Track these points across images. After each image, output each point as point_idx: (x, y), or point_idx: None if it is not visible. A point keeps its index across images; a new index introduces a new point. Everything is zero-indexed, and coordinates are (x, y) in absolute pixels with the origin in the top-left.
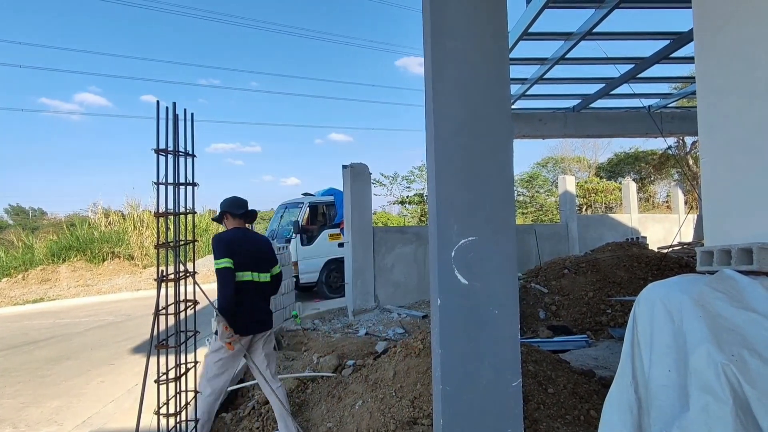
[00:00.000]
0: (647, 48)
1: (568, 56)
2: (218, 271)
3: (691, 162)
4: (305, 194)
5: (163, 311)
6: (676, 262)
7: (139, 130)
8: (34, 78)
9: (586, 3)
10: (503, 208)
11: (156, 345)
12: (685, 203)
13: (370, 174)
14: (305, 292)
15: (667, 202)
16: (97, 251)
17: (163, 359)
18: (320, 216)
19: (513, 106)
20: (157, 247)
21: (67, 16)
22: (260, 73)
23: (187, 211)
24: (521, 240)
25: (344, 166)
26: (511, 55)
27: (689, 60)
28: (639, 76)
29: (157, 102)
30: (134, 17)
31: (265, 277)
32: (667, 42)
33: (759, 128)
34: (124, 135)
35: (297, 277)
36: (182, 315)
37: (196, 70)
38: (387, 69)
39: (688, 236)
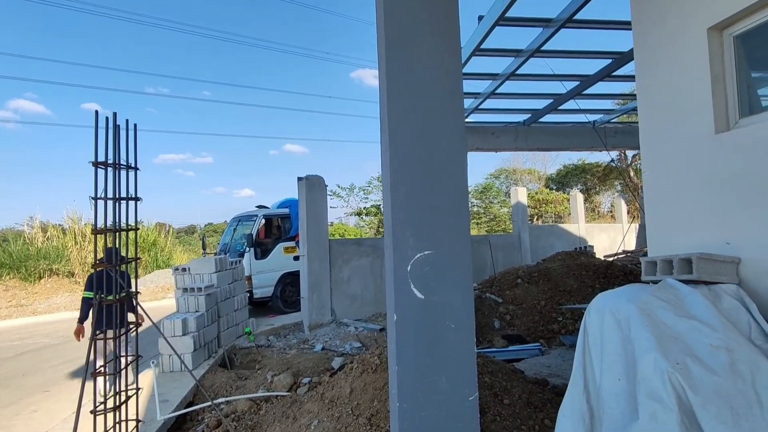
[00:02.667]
0: (591, 66)
1: (518, 72)
2: None
3: (632, 174)
4: (259, 206)
5: (101, 335)
6: (621, 270)
7: (81, 139)
8: None
9: (535, 22)
10: (459, 220)
11: (92, 372)
12: (628, 213)
13: (326, 186)
14: (259, 307)
15: (611, 211)
16: (32, 268)
17: (101, 386)
18: (275, 229)
19: (467, 120)
20: (95, 266)
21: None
22: (213, 83)
23: (129, 227)
24: (476, 250)
25: (299, 178)
26: (465, 70)
27: (630, 78)
28: (584, 92)
29: (96, 112)
30: (75, 22)
31: None
32: (610, 61)
33: (694, 142)
34: (64, 145)
35: (251, 292)
36: (123, 338)
37: (144, 78)
38: (342, 81)
39: (631, 244)
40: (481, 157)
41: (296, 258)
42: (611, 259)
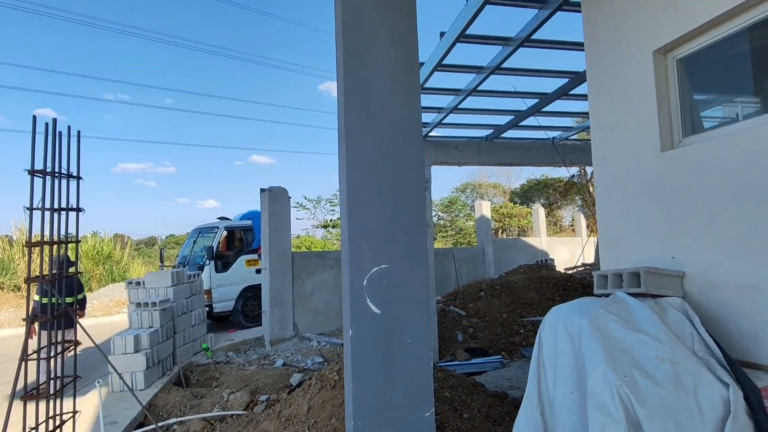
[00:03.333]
0: (550, 84)
1: (480, 88)
2: None
3: (591, 189)
4: (221, 218)
5: (34, 356)
6: (580, 282)
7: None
8: None
9: (495, 40)
10: (416, 234)
11: (23, 396)
12: (587, 227)
13: (290, 198)
14: (220, 322)
15: (572, 225)
16: None
17: (34, 409)
18: (237, 241)
19: (431, 134)
20: (28, 281)
21: None
22: (177, 91)
23: (69, 239)
24: (440, 263)
25: (262, 190)
26: (427, 85)
27: (586, 97)
28: (543, 110)
29: (34, 117)
30: (29, 23)
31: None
32: (566, 80)
33: (641, 160)
34: (14, 151)
35: (210, 306)
36: (59, 359)
37: (103, 84)
38: (310, 93)
39: (590, 257)
40: (447, 171)
41: (258, 271)
42: (571, 271)
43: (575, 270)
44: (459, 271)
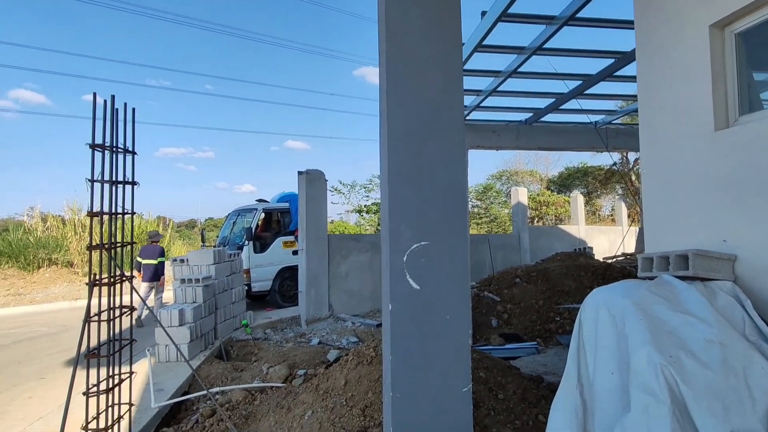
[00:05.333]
0: (594, 65)
1: (520, 70)
2: None
3: (633, 178)
4: (259, 200)
5: (95, 318)
6: (620, 271)
7: (81, 130)
8: None
9: (538, 19)
10: (455, 213)
11: (86, 355)
12: (628, 216)
13: (326, 181)
14: (257, 300)
15: (611, 215)
16: (31, 258)
17: (94, 370)
18: (274, 223)
19: (468, 117)
20: (90, 248)
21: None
22: (215, 77)
23: (125, 211)
24: (475, 249)
25: (300, 172)
26: (467, 67)
27: (633, 78)
28: (586, 92)
29: (94, 95)
30: (75, 12)
31: None
32: (612, 60)
33: (693, 140)
34: (65, 135)
35: (249, 285)
36: (117, 322)
37: (146, 70)
38: (346, 78)
39: (630, 247)
40: (483, 158)
41: (295, 252)
42: (610, 260)
43: (615, 259)
44: (494, 258)
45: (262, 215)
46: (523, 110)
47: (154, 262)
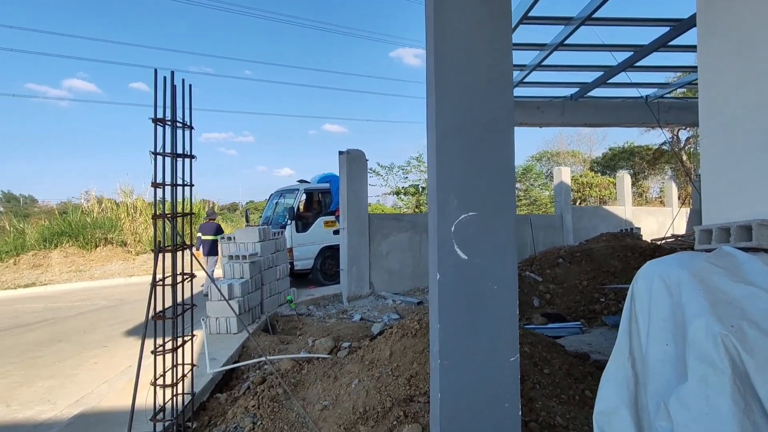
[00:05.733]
0: (646, 35)
1: (567, 42)
2: None
3: (685, 158)
4: (301, 181)
5: (161, 282)
6: (670, 253)
7: (129, 117)
8: (20, 63)
9: None
10: (503, 184)
11: (153, 316)
12: (679, 198)
13: (367, 160)
14: (299, 278)
15: (659, 197)
16: (89, 237)
17: (159, 333)
18: (315, 203)
19: None
20: (154, 217)
21: None
22: (254, 62)
23: (185, 183)
24: (516, 230)
25: (341, 152)
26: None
27: (688, 48)
28: (637, 64)
29: (155, 70)
30: (122, 1)
31: None
32: (667, 29)
33: (759, 105)
34: (114, 122)
35: (291, 263)
36: (179, 287)
37: (188, 57)
38: (382, 60)
39: (681, 229)
40: (523, 138)
41: (336, 232)
42: (660, 242)
43: (664, 241)
44: (535, 238)
45: (304, 195)
46: (569, 85)
47: (212, 238)
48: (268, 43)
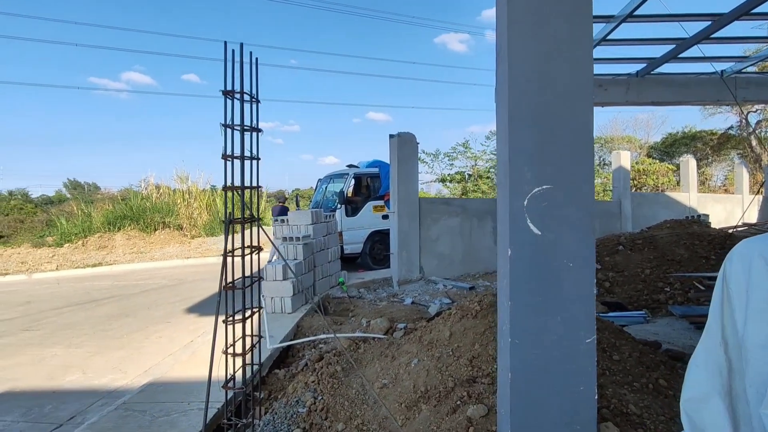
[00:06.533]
0: (725, 3)
1: (636, 14)
2: None
3: (754, 143)
4: (350, 166)
5: (230, 254)
6: None
7: (182, 108)
8: (82, 57)
9: None
10: (581, 156)
11: (224, 286)
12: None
13: (418, 144)
14: (348, 263)
15: (724, 185)
16: (149, 221)
17: (228, 304)
18: (364, 188)
19: None
20: (225, 189)
21: None
22: (298, 51)
23: (253, 156)
24: None
25: (391, 136)
26: None
27: None
28: (712, 36)
29: (225, 43)
30: None
31: None
32: None
33: None
34: (169, 113)
35: (341, 247)
36: (248, 259)
37: (235, 47)
38: (426, 46)
39: (753, 217)
40: None
41: (385, 217)
42: (731, 230)
43: (735, 230)
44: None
45: (353, 180)
46: (635, 60)
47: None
48: (310, 32)
